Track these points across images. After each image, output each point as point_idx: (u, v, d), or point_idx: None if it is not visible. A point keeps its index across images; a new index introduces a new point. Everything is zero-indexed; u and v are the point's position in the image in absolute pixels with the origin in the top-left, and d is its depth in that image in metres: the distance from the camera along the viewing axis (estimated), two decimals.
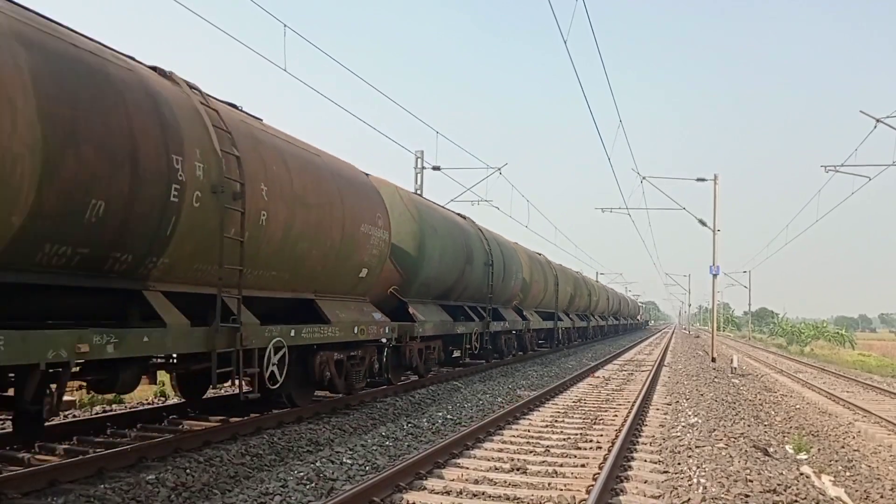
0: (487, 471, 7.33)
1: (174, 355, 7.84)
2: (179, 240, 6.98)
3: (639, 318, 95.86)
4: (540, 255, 28.77)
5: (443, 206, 17.71)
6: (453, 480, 6.89)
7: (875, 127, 18.58)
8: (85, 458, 6.66)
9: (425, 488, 6.58)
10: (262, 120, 9.18)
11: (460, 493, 6.46)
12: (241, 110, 8.84)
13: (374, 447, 8.26)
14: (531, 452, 8.38)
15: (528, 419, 10.89)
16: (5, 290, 5.71)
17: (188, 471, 6.75)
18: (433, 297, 15.49)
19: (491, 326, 19.25)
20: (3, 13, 5.36)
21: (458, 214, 18.33)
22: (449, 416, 10.81)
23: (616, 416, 11.51)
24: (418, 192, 23.52)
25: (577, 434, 9.70)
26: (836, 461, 10.37)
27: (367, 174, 12.33)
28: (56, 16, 6.06)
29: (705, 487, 6.60)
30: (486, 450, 8.44)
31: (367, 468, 7.35)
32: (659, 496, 6.54)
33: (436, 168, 24.24)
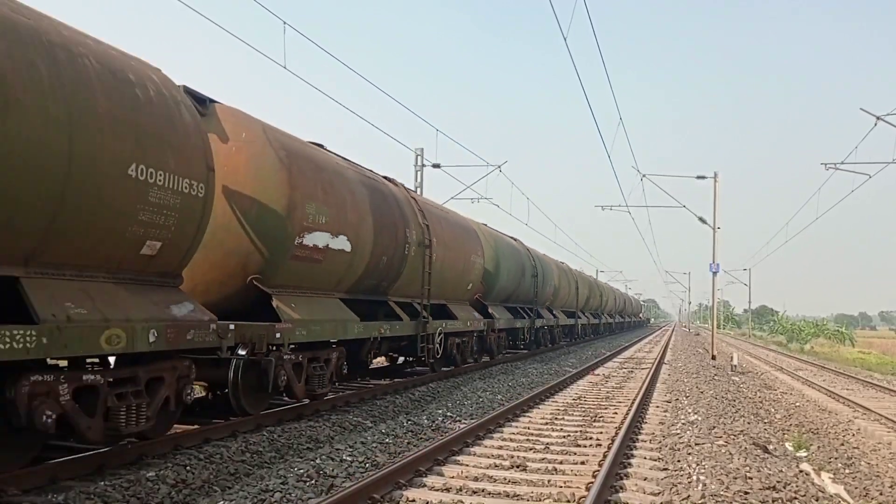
0: (487, 468, 7.34)
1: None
2: (406, 273, 13.22)
3: (641, 315, 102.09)
4: (563, 263, 33.95)
5: (508, 236, 23.89)
6: (453, 478, 6.90)
7: (875, 124, 18.58)
8: (85, 455, 6.67)
9: (425, 485, 6.59)
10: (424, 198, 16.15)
11: (460, 490, 6.47)
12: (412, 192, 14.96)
13: (374, 444, 8.27)
14: (531, 450, 8.39)
15: (528, 416, 10.90)
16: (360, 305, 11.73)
17: (188, 468, 6.76)
18: (501, 301, 21.67)
19: (536, 322, 25.55)
20: (349, 165, 11.00)
21: (511, 237, 24.20)
22: (449, 414, 10.82)
23: (616, 413, 11.52)
24: (418, 189, 23.52)
25: (576, 431, 9.71)
26: (836, 458, 10.38)
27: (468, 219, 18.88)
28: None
29: (705, 485, 6.61)
30: (486, 447, 8.45)
31: (367, 465, 7.36)
32: (658, 493, 6.54)
33: (436, 165, 24.25)
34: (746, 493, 6.40)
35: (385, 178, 13.53)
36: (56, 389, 5.67)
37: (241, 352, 8.29)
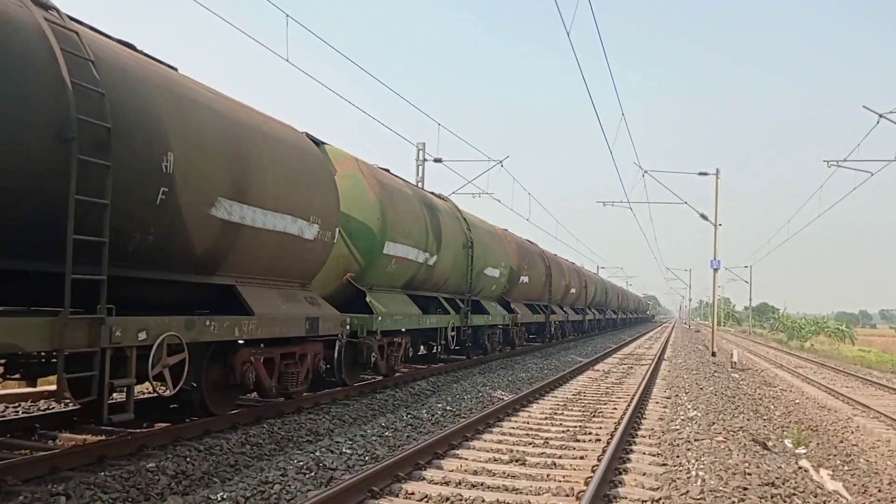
0: (487, 462, 7.36)
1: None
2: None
3: (647, 312, 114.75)
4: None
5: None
6: (452, 471, 6.91)
7: (878, 122, 18.54)
8: (85, 446, 6.68)
9: (424, 479, 6.60)
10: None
11: (459, 483, 6.48)
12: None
13: (374, 437, 8.28)
14: (530, 444, 8.40)
15: (528, 411, 10.91)
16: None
17: (188, 459, 6.77)
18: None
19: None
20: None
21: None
22: (449, 408, 10.83)
23: (615, 409, 11.53)
24: (419, 183, 23.51)
25: (576, 426, 9.72)
26: (835, 455, 10.39)
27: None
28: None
29: (704, 480, 6.62)
30: (485, 441, 8.46)
31: (367, 458, 7.37)
32: (657, 488, 6.55)
33: (437, 160, 24.22)
34: (745, 488, 6.40)
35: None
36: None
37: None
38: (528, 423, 9.95)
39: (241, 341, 8.17)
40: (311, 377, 9.91)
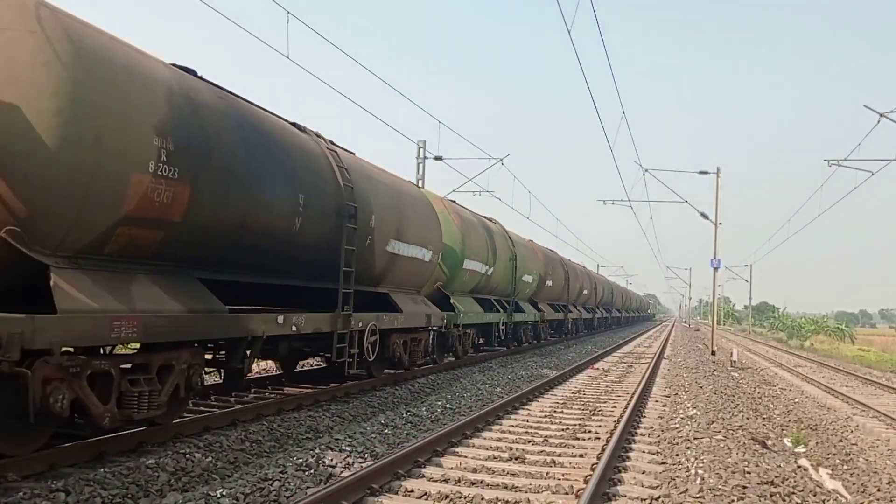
0: (486, 460, 7.36)
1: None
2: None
3: (649, 311, 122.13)
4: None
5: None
6: (452, 469, 6.91)
7: (878, 122, 18.52)
8: (85, 442, 6.68)
9: (423, 476, 6.60)
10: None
11: (458, 481, 6.48)
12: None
13: (374, 435, 8.28)
14: (530, 442, 8.40)
15: (528, 409, 10.92)
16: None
17: (188, 456, 6.77)
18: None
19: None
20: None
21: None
22: (448, 406, 10.83)
23: (615, 407, 11.53)
24: (420, 182, 23.50)
25: (575, 424, 9.73)
26: (834, 454, 10.40)
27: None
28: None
29: (703, 479, 6.62)
30: (485, 439, 8.46)
31: (366, 456, 7.37)
32: (657, 487, 6.55)
33: (438, 158, 24.21)
34: (744, 487, 6.41)
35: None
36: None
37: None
38: (527, 420, 9.95)
39: (394, 328, 12.24)
40: (425, 355, 14.65)
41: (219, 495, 5.62)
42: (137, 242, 6.62)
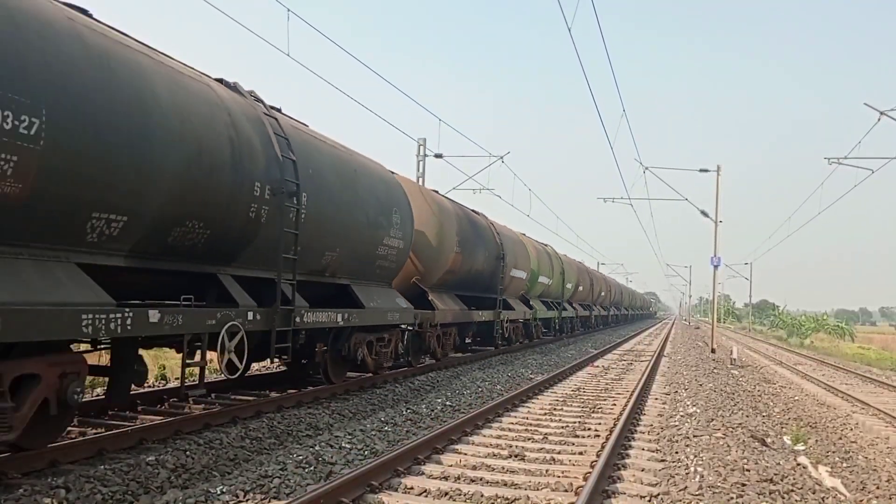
0: (485, 457, 7.37)
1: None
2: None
3: (651, 309, 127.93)
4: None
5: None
6: (451, 466, 6.92)
7: (879, 119, 18.51)
8: (85, 439, 6.70)
9: (423, 473, 6.61)
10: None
11: (458, 478, 6.49)
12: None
13: (373, 432, 8.30)
14: (529, 440, 8.41)
15: (527, 407, 10.93)
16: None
17: (188, 453, 6.79)
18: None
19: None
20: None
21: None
22: (448, 403, 10.84)
23: (615, 404, 11.54)
24: (420, 179, 23.49)
25: (575, 422, 9.74)
26: (834, 452, 10.40)
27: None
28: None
29: (702, 476, 6.63)
30: (484, 436, 8.47)
31: (366, 453, 7.38)
32: (656, 484, 6.57)
33: (438, 156, 24.20)
34: (744, 484, 6.41)
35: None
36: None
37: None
38: (527, 418, 9.96)
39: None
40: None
41: (219, 492, 5.63)
42: None
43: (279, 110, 9.50)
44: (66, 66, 5.58)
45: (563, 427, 9.34)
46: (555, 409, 10.91)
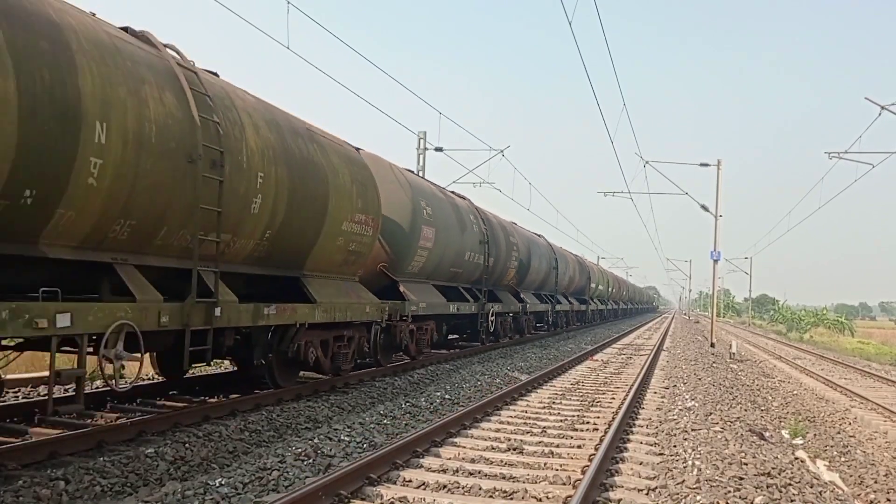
0: (484, 450, 7.38)
1: None
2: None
3: (653, 304, 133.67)
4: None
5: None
6: (450, 459, 6.94)
7: (880, 114, 18.48)
8: (85, 432, 6.71)
9: (422, 466, 6.62)
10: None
11: (457, 471, 6.50)
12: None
13: (372, 425, 8.31)
14: (528, 433, 8.42)
15: (526, 400, 10.94)
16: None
17: (187, 445, 6.81)
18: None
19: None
20: None
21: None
22: (447, 396, 10.86)
23: (614, 398, 11.56)
24: (420, 172, 23.47)
25: (574, 416, 9.75)
26: (832, 447, 10.43)
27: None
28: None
29: (700, 470, 6.64)
30: (483, 430, 8.49)
31: (365, 446, 7.40)
32: (654, 477, 6.58)
33: (438, 149, 24.17)
34: (741, 478, 6.43)
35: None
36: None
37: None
38: (526, 412, 9.97)
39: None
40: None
41: (218, 484, 5.64)
42: None
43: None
44: None
45: (561, 420, 9.35)
46: (554, 402, 10.93)
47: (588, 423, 9.26)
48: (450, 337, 19.32)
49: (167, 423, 7.47)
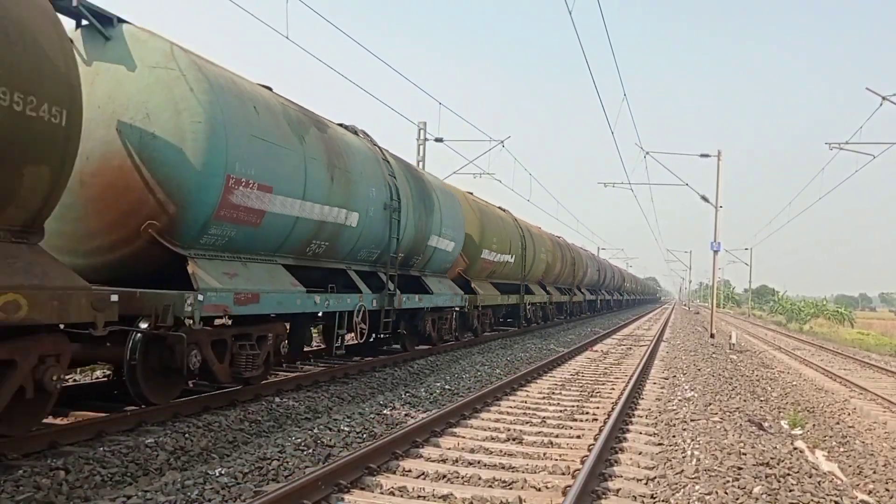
0: (484, 440, 7.40)
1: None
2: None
3: (657, 294, 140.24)
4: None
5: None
6: (449, 449, 6.95)
7: (881, 104, 18.41)
8: (85, 421, 6.72)
9: (421, 456, 6.64)
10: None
11: (456, 461, 6.51)
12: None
13: (372, 416, 8.33)
14: (528, 423, 8.44)
15: (526, 390, 10.96)
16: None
17: (187, 435, 6.82)
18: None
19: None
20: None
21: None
22: (447, 387, 10.88)
23: (613, 389, 11.58)
24: (420, 163, 23.43)
25: (573, 406, 9.77)
26: (831, 437, 10.45)
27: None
28: None
29: (699, 459, 6.65)
30: (482, 420, 8.50)
31: (365, 436, 7.41)
32: (653, 467, 6.60)
33: (438, 140, 24.12)
34: (740, 468, 6.44)
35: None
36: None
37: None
38: (525, 402, 9.99)
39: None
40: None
41: (217, 474, 5.65)
42: None
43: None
44: None
45: (561, 411, 9.37)
46: (553, 392, 10.94)
47: (587, 413, 9.27)
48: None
49: (167, 413, 7.49)
